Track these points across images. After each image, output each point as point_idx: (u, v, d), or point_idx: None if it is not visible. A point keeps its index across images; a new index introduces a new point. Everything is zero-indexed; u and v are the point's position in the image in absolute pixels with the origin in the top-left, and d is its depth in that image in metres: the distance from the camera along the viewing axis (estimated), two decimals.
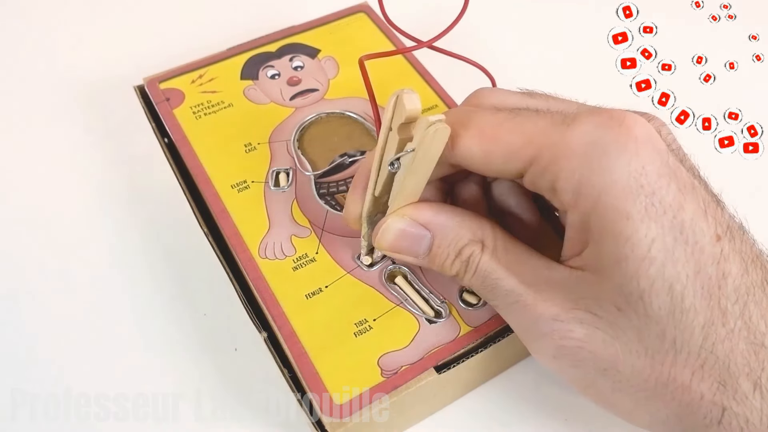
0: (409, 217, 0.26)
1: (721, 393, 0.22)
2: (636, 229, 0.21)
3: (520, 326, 0.25)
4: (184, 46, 0.44)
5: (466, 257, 0.25)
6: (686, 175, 0.22)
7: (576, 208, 0.23)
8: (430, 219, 0.26)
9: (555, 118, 0.23)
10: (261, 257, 0.30)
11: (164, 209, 0.38)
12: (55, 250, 0.37)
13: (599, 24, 0.37)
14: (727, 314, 0.21)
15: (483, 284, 0.25)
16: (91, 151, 0.42)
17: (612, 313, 0.22)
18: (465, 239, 0.25)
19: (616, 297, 0.22)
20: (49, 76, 0.46)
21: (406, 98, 0.23)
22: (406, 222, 0.26)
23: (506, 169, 0.24)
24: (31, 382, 0.32)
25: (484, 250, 0.25)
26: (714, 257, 0.21)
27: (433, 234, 0.26)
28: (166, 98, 0.35)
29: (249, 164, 0.33)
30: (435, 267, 0.26)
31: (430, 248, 0.26)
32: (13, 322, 0.34)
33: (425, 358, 0.27)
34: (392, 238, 0.26)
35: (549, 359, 0.24)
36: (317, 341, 0.27)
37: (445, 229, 0.25)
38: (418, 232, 0.26)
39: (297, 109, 0.35)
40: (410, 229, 0.26)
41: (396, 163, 0.24)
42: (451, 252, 0.25)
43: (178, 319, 0.34)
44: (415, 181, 0.25)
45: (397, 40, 0.39)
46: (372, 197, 0.26)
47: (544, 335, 0.24)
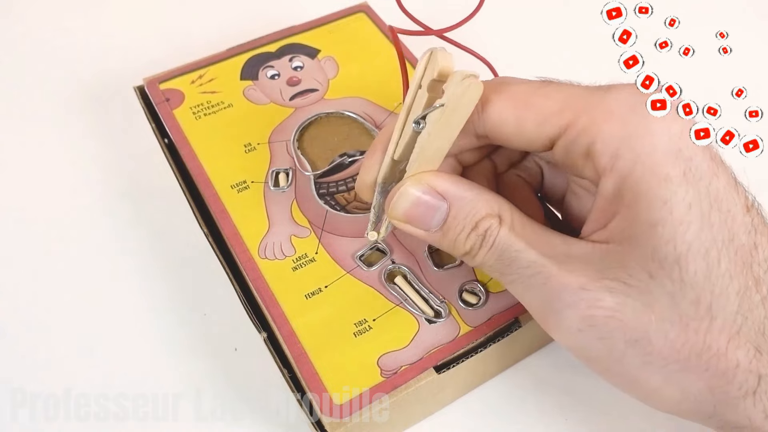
0: (426, 183, 0.24)
1: (757, 360, 0.21)
2: (674, 192, 0.21)
3: (541, 300, 0.24)
4: (184, 47, 0.44)
5: (482, 230, 0.24)
6: (714, 149, 0.22)
7: (612, 171, 0.22)
8: (447, 188, 0.24)
9: (589, 87, 0.23)
10: (261, 257, 0.30)
11: (164, 209, 0.38)
12: (55, 250, 0.37)
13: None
14: (760, 282, 0.21)
15: (500, 258, 0.24)
16: (91, 151, 0.42)
17: (644, 281, 0.21)
18: (482, 212, 0.24)
19: (648, 263, 0.21)
20: (50, 77, 0.46)
21: (440, 54, 0.22)
22: (423, 188, 0.24)
23: (538, 137, 0.23)
24: (31, 382, 0.32)
25: (501, 223, 0.24)
26: (746, 227, 0.21)
27: (450, 204, 0.24)
28: (166, 99, 0.36)
29: (249, 164, 0.33)
30: (447, 242, 0.25)
31: (443, 221, 0.24)
32: (13, 322, 0.34)
33: (425, 358, 0.27)
34: (407, 205, 0.25)
35: (573, 334, 0.23)
36: (317, 341, 0.27)
37: (462, 200, 0.24)
38: (435, 202, 0.24)
39: (297, 109, 0.35)
40: (426, 197, 0.24)
41: (422, 121, 0.23)
42: (467, 225, 0.24)
43: (178, 319, 0.34)
44: (438, 144, 0.24)
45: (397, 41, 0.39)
46: (390, 161, 0.25)
47: (569, 306, 0.22)
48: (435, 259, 0.30)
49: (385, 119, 0.35)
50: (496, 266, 0.24)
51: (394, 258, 0.30)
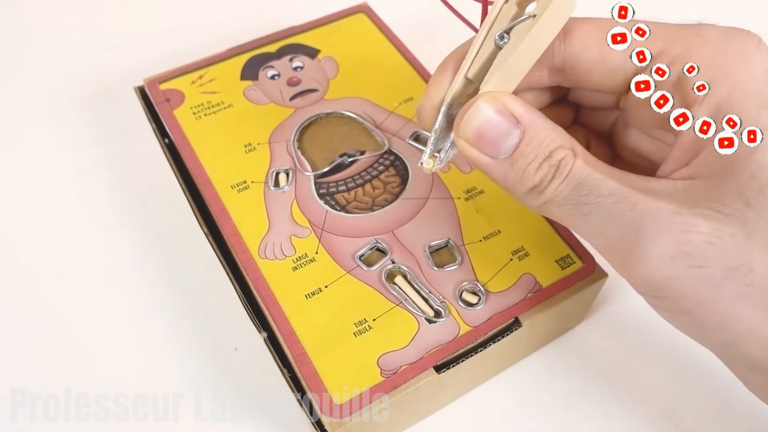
0: (503, 103, 0.23)
1: None
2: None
3: (625, 229, 0.22)
4: (184, 47, 0.44)
5: (556, 160, 0.22)
6: None
7: (706, 99, 0.21)
8: (523, 113, 0.23)
9: (679, 23, 0.23)
10: (261, 257, 0.30)
11: (164, 209, 0.38)
12: (55, 250, 0.37)
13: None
14: None
15: (576, 189, 0.22)
16: (91, 152, 0.42)
17: (740, 209, 0.20)
18: (557, 142, 0.22)
19: (745, 192, 0.20)
20: (50, 77, 0.46)
21: None
22: (499, 107, 0.22)
23: (621, 68, 0.23)
24: (31, 382, 0.32)
25: (576, 155, 0.22)
26: None
27: (525, 129, 0.23)
28: (167, 99, 0.36)
29: (249, 164, 0.33)
30: (514, 171, 0.23)
31: (515, 148, 0.23)
32: (14, 322, 0.34)
33: (425, 358, 0.27)
34: (479, 123, 0.23)
35: (663, 263, 0.21)
36: (317, 341, 0.27)
37: (537, 127, 0.23)
38: (509, 125, 0.23)
39: (297, 109, 0.35)
40: (501, 117, 0.23)
41: (506, 36, 0.22)
42: (540, 153, 0.22)
43: (178, 319, 0.34)
44: (519, 62, 0.22)
45: (397, 40, 0.39)
46: (463, 79, 0.24)
47: (662, 231, 0.21)
48: (435, 259, 0.30)
49: (385, 119, 0.35)
50: (570, 197, 0.23)
51: (394, 258, 0.30)
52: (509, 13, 0.23)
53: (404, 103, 0.36)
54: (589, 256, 0.30)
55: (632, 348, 0.34)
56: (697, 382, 0.32)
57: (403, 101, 0.36)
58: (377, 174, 0.33)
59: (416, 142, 0.34)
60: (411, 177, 0.32)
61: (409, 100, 0.36)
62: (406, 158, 0.33)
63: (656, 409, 0.32)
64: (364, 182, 0.32)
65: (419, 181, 0.32)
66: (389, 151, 0.34)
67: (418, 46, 0.39)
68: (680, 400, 0.32)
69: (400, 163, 0.33)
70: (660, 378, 0.33)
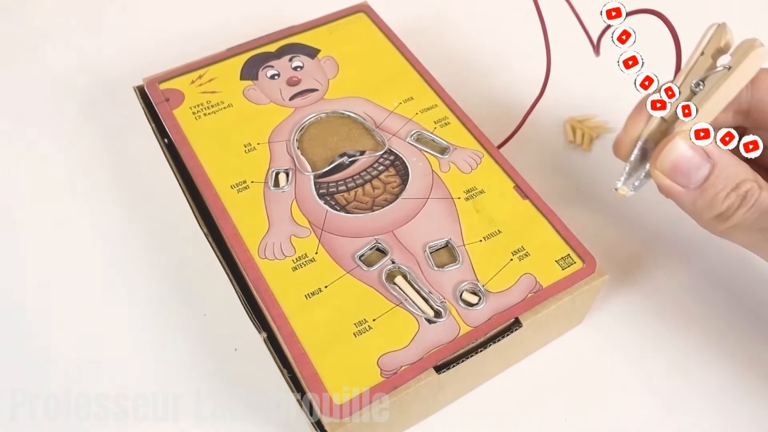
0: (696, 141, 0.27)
1: None
2: None
3: None
4: (184, 46, 0.44)
5: (743, 191, 0.26)
6: None
7: None
8: (714, 149, 0.27)
9: None
10: (261, 257, 0.30)
11: (164, 210, 0.38)
12: (55, 250, 0.37)
13: None
14: None
15: (762, 216, 0.26)
16: (90, 151, 0.42)
17: None
18: (743, 175, 0.26)
19: None
20: (49, 77, 0.46)
21: (727, 27, 0.26)
22: (692, 144, 0.27)
23: None
24: (31, 382, 0.32)
25: (761, 188, 0.26)
26: None
27: (714, 163, 0.27)
28: (166, 99, 0.36)
29: (249, 164, 0.33)
30: (703, 200, 0.27)
31: (704, 179, 0.27)
32: (14, 322, 0.34)
33: (425, 358, 0.27)
34: (674, 158, 0.27)
35: None
36: (317, 341, 0.27)
37: (725, 161, 0.27)
38: (700, 159, 0.27)
39: (296, 109, 0.35)
40: (694, 152, 0.27)
41: (701, 83, 0.27)
42: (728, 184, 0.26)
43: (178, 319, 0.34)
44: (711, 106, 0.26)
45: (397, 41, 0.39)
46: (659, 119, 0.28)
47: None
48: (435, 259, 0.30)
49: (385, 119, 0.35)
50: (757, 224, 0.26)
51: (394, 258, 0.30)
52: (705, 64, 0.27)
53: (404, 103, 0.36)
54: (590, 256, 0.30)
55: (632, 348, 0.34)
56: (698, 381, 0.32)
57: (403, 101, 0.36)
58: (377, 174, 0.33)
59: (417, 143, 0.34)
60: (411, 177, 0.32)
61: (409, 99, 0.36)
62: (406, 158, 0.33)
63: (656, 409, 0.32)
64: (364, 182, 0.32)
65: (419, 181, 0.32)
66: (389, 151, 0.33)
67: (418, 46, 0.39)
68: (682, 400, 0.32)
69: (400, 163, 0.33)
70: (660, 378, 0.33)
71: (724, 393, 0.32)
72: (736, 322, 0.34)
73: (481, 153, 0.34)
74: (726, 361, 0.33)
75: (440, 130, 0.34)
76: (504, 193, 0.32)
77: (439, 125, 0.35)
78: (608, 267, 0.35)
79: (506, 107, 0.43)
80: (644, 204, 0.39)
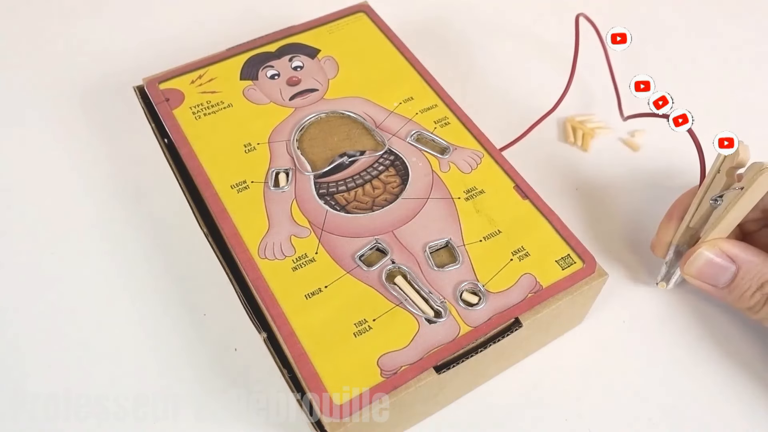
0: (719, 248, 0.30)
1: None
2: None
3: None
4: (184, 46, 0.44)
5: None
6: None
7: None
8: (737, 253, 0.30)
9: None
10: (261, 257, 0.30)
11: (164, 210, 0.38)
12: (55, 250, 0.37)
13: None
14: None
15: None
16: (90, 151, 0.42)
17: None
18: (767, 275, 0.29)
19: None
20: (49, 77, 0.46)
21: (742, 148, 0.29)
22: (716, 252, 0.30)
23: None
24: (31, 382, 0.32)
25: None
26: None
27: (739, 267, 0.30)
28: (166, 98, 0.36)
29: (248, 164, 0.33)
30: (732, 297, 0.31)
31: (731, 280, 0.30)
32: (14, 322, 0.34)
33: (425, 358, 0.27)
34: (701, 265, 0.31)
35: None
36: (317, 341, 0.27)
37: (750, 264, 0.30)
38: (725, 264, 0.30)
39: (296, 109, 0.35)
40: (718, 259, 0.30)
41: (719, 199, 0.30)
42: (753, 284, 0.30)
43: (177, 319, 0.34)
44: (731, 217, 0.29)
45: (397, 41, 0.39)
46: (686, 227, 0.32)
47: None
48: (435, 259, 0.30)
49: (385, 119, 0.35)
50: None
51: (394, 258, 0.30)
52: (721, 181, 0.30)
53: (404, 103, 0.36)
54: (590, 256, 0.30)
55: (632, 348, 0.34)
56: (696, 382, 0.32)
57: (403, 101, 0.36)
58: (377, 174, 0.33)
59: (417, 143, 0.34)
60: (411, 177, 0.32)
61: (409, 100, 0.36)
62: (406, 158, 0.33)
63: (656, 409, 0.32)
64: (364, 182, 0.32)
65: (419, 181, 0.32)
66: (389, 151, 0.33)
67: (418, 46, 0.39)
68: (681, 400, 0.32)
69: (400, 163, 0.33)
70: (660, 378, 0.33)
71: (725, 393, 0.32)
72: (736, 322, 0.34)
73: (481, 153, 0.34)
74: (726, 361, 0.33)
75: (440, 130, 0.34)
76: (504, 193, 0.32)
77: (439, 125, 0.35)
78: (608, 267, 0.35)
79: (506, 107, 0.43)
80: (644, 204, 0.39)
